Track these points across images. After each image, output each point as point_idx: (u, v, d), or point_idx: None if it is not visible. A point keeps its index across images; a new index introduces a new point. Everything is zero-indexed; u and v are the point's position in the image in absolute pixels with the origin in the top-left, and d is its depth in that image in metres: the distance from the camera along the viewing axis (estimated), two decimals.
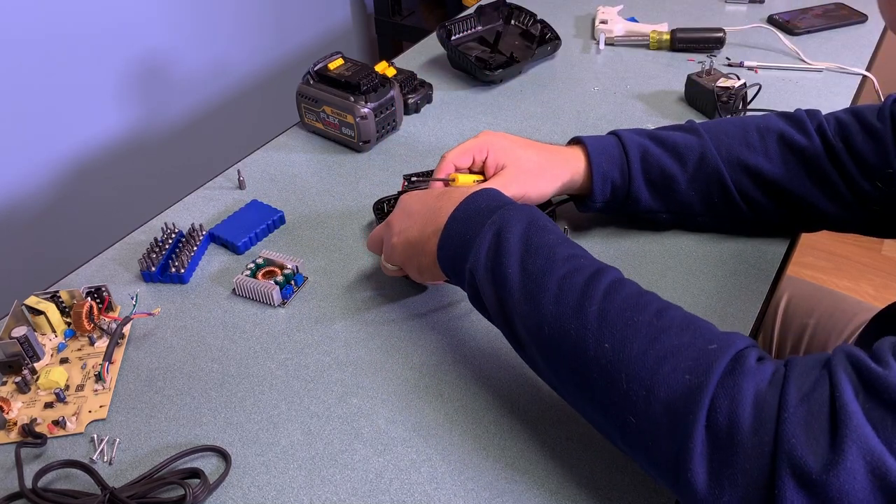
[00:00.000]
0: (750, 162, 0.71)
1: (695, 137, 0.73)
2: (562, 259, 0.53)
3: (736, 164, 0.71)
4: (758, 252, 0.76)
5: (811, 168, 0.71)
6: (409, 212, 0.65)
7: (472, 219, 0.58)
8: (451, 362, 0.65)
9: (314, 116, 0.94)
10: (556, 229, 0.57)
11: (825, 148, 0.70)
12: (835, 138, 0.70)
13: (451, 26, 1.09)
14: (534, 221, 0.57)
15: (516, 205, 0.59)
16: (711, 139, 0.72)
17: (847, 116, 0.72)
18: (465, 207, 0.60)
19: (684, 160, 0.72)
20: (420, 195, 0.66)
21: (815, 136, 0.71)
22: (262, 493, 0.55)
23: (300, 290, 0.73)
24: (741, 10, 1.26)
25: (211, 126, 1.78)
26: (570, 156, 0.73)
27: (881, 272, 1.96)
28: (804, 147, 0.70)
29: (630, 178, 0.72)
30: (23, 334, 0.64)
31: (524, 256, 0.54)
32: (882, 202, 0.70)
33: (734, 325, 0.68)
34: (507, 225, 0.56)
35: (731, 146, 0.72)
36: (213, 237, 0.79)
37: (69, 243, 1.53)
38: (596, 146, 0.73)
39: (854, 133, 0.70)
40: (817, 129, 0.71)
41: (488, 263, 0.55)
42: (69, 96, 1.45)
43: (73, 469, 0.56)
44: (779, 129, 0.72)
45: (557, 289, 0.52)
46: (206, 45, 1.70)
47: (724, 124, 0.74)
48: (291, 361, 0.66)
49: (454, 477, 0.56)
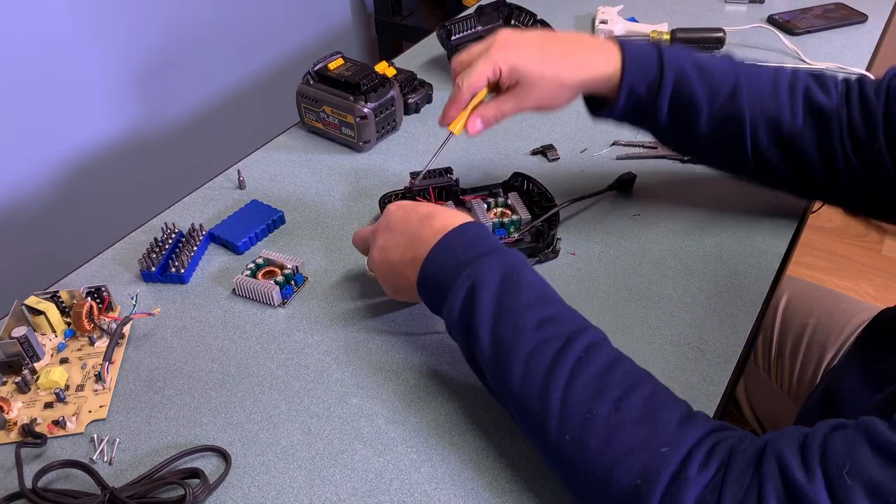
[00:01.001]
0: (772, 115, 0.70)
1: (732, 69, 0.70)
2: (532, 328, 0.53)
3: (759, 112, 0.70)
4: (758, 252, 0.76)
5: (822, 130, 0.70)
6: (391, 228, 0.64)
7: (448, 264, 0.58)
8: (451, 363, 0.65)
9: (314, 116, 0.94)
10: (533, 282, 0.56)
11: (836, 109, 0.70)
12: (842, 101, 0.70)
13: (451, 26, 1.09)
14: (509, 276, 0.56)
15: (494, 253, 0.58)
16: (745, 78, 0.70)
17: (854, 84, 0.71)
18: (443, 247, 0.59)
19: (715, 95, 0.69)
20: (405, 212, 0.64)
21: (833, 93, 0.70)
22: (262, 493, 0.55)
23: (300, 290, 0.73)
24: (741, 10, 1.26)
25: (211, 126, 1.78)
26: (601, 54, 0.69)
27: (881, 272, 1.96)
28: (823, 105, 0.70)
29: (657, 100, 0.70)
30: (23, 334, 0.64)
31: (496, 319, 0.54)
32: (866, 178, 0.69)
33: (734, 325, 0.68)
34: (481, 280, 0.56)
35: (761, 93, 0.70)
36: (213, 237, 0.79)
37: (69, 243, 1.52)
38: (633, 56, 0.69)
39: (853, 103, 0.69)
40: (835, 87, 0.71)
41: (462, 319, 0.56)
42: (69, 96, 1.45)
43: (73, 469, 0.56)
44: (806, 84, 0.71)
45: (525, 366, 0.52)
46: (205, 44, 1.70)
47: (758, 68, 0.72)
48: (291, 361, 0.66)
49: (454, 477, 0.56)
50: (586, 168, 0.89)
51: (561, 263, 0.75)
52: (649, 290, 0.72)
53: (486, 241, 0.59)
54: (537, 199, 0.79)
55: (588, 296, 0.72)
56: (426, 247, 0.60)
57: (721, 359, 0.65)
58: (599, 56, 0.69)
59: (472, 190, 0.81)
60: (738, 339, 0.67)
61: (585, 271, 0.74)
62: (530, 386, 0.52)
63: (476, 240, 0.59)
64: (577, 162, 0.90)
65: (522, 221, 0.76)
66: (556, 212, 0.77)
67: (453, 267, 0.58)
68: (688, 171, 0.89)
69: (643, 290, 0.72)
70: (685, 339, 0.67)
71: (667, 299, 0.71)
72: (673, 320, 0.69)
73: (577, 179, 0.87)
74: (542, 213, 0.76)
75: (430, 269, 0.59)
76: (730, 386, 0.63)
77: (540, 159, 0.91)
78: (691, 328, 0.68)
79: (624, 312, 0.70)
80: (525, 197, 0.80)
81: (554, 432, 0.50)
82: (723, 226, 0.79)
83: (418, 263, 0.60)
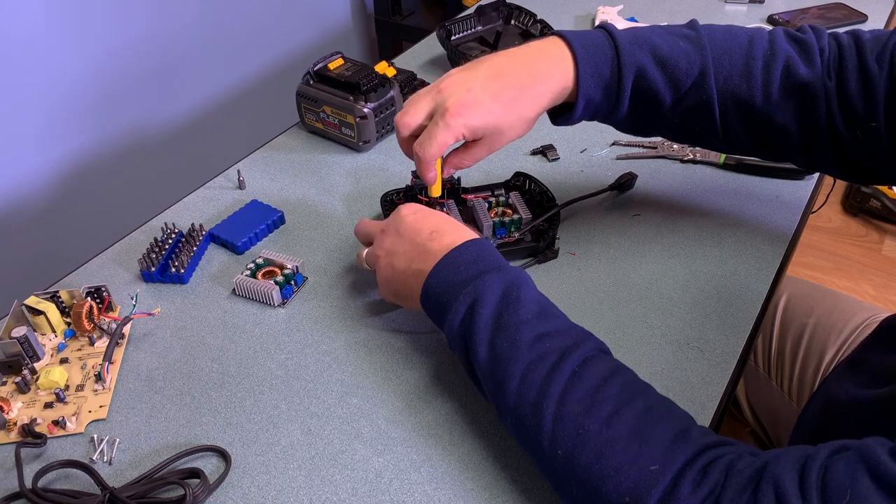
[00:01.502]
0: (744, 98, 0.65)
1: (697, 55, 0.65)
2: (528, 343, 0.53)
3: (730, 97, 0.66)
4: (758, 252, 0.76)
5: (804, 104, 0.65)
6: (401, 234, 0.64)
7: (451, 280, 0.58)
8: (451, 362, 0.65)
9: (314, 116, 0.94)
10: (532, 299, 0.56)
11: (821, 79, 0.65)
12: (829, 73, 0.65)
13: (451, 26, 1.09)
14: (509, 293, 0.56)
15: (496, 271, 0.58)
16: (713, 61, 0.65)
17: (849, 45, 0.65)
18: (448, 264, 0.59)
19: (679, 86, 0.65)
20: (416, 221, 0.64)
21: (817, 63, 0.65)
22: (262, 493, 0.55)
23: (300, 290, 0.73)
24: (741, 10, 1.26)
25: (211, 126, 1.78)
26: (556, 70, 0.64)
27: (881, 272, 1.96)
28: (805, 79, 0.65)
29: (616, 103, 0.66)
30: (23, 334, 0.64)
31: (493, 335, 0.55)
32: (856, 150, 0.66)
33: (734, 325, 0.68)
34: (481, 297, 0.56)
35: (730, 76, 0.65)
36: (213, 237, 0.79)
37: (69, 243, 1.52)
38: (586, 60, 0.64)
39: (849, 70, 0.64)
40: (820, 54, 0.66)
41: (461, 334, 0.57)
42: (69, 96, 1.45)
43: (73, 469, 0.56)
44: (786, 59, 0.65)
45: (520, 381, 0.52)
46: (206, 44, 1.70)
47: (730, 43, 0.66)
48: (291, 361, 0.66)
49: (454, 477, 0.56)
50: (586, 168, 0.89)
51: (561, 263, 0.75)
52: (649, 290, 0.72)
53: (489, 258, 0.59)
54: (538, 199, 0.79)
55: (588, 296, 0.72)
56: (433, 262, 0.60)
57: (721, 359, 0.65)
58: (554, 75, 0.64)
59: (474, 189, 0.81)
60: (738, 339, 0.67)
61: (585, 271, 0.74)
62: (525, 401, 0.52)
63: (480, 257, 0.59)
64: (577, 162, 0.90)
65: (523, 221, 0.76)
66: (556, 211, 0.77)
67: (456, 283, 0.58)
68: (688, 171, 0.89)
69: (643, 290, 0.72)
70: (685, 339, 0.67)
71: (667, 299, 0.71)
72: (673, 320, 0.69)
73: (577, 179, 0.87)
74: (542, 213, 0.76)
75: (433, 284, 0.59)
76: (730, 386, 0.63)
77: (540, 159, 0.91)
78: (691, 328, 0.68)
79: (624, 312, 0.70)
80: (526, 196, 0.80)
81: (547, 447, 0.50)
82: (723, 226, 0.79)
83: (423, 277, 0.60)
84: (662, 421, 0.49)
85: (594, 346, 0.54)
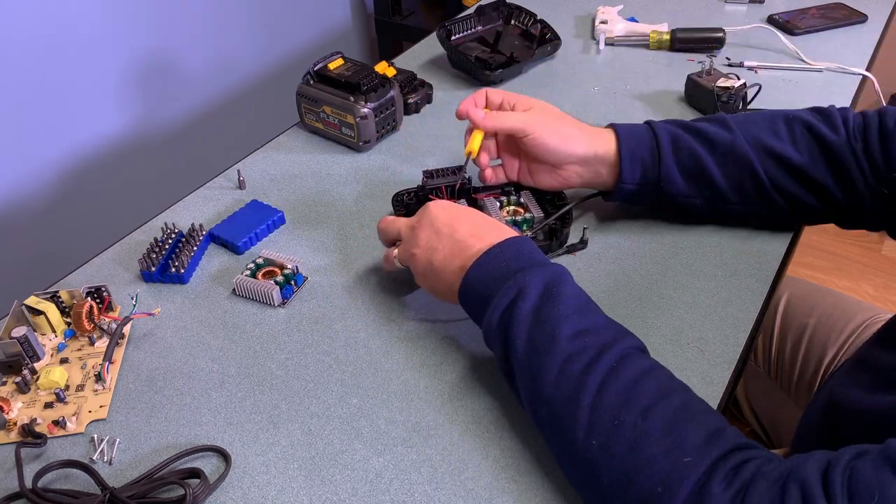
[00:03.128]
0: (776, 149, 0.71)
1: (723, 128, 0.73)
2: (567, 338, 0.54)
3: (763, 150, 0.72)
4: (758, 252, 0.76)
5: (833, 160, 0.71)
6: (437, 230, 0.64)
7: (493, 275, 0.60)
8: (451, 362, 0.65)
9: (314, 116, 0.94)
10: (572, 294, 0.58)
11: (848, 142, 0.71)
12: (855, 135, 0.71)
13: (451, 26, 1.09)
14: (550, 287, 0.57)
15: (538, 266, 0.59)
16: (739, 128, 0.73)
17: (873, 115, 0.72)
18: (491, 258, 0.60)
19: (714, 146, 0.73)
20: (450, 216, 0.65)
21: (841, 130, 0.71)
22: (262, 493, 0.55)
23: (300, 290, 0.73)
24: (741, 9, 1.26)
25: (211, 126, 1.78)
26: (601, 133, 0.74)
27: (881, 272, 1.96)
28: (830, 140, 0.71)
29: (660, 158, 0.73)
30: (23, 334, 0.64)
31: (532, 328, 0.56)
32: (886, 203, 0.70)
33: (734, 325, 0.68)
34: (524, 291, 0.57)
35: (758, 134, 0.72)
36: (213, 237, 0.79)
37: (69, 243, 1.53)
38: (626, 128, 0.74)
39: (872, 132, 0.70)
40: (844, 123, 0.72)
41: (501, 326, 0.57)
42: (69, 96, 1.45)
43: (73, 469, 0.56)
44: (806, 120, 0.72)
45: (558, 372, 0.53)
46: (206, 45, 1.70)
47: (752, 115, 0.75)
48: (291, 361, 0.66)
49: (454, 477, 0.56)
50: None
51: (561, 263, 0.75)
52: (649, 289, 0.72)
53: (531, 254, 0.61)
54: (549, 198, 0.79)
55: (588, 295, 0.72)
56: (474, 257, 0.61)
57: (721, 359, 0.65)
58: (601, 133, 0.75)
59: (485, 188, 0.81)
60: (738, 339, 0.67)
61: (585, 271, 0.74)
62: (561, 392, 0.53)
63: (521, 254, 0.60)
64: None
65: (535, 219, 0.76)
66: (568, 209, 0.77)
67: (497, 278, 0.59)
68: None
69: (643, 290, 0.72)
70: (685, 339, 0.67)
71: (667, 299, 0.71)
72: (673, 320, 0.69)
73: None
74: (554, 212, 0.76)
75: (474, 278, 0.60)
76: (730, 386, 0.63)
77: None
78: (691, 328, 0.68)
79: (624, 312, 0.70)
80: (537, 195, 0.79)
81: (581, 437, 0.50)
82: (723, 226, 0.79)
83: (462, 272, 0.61)
84: (697, 417, 0.50)
85: (632, 344, 0.55)
